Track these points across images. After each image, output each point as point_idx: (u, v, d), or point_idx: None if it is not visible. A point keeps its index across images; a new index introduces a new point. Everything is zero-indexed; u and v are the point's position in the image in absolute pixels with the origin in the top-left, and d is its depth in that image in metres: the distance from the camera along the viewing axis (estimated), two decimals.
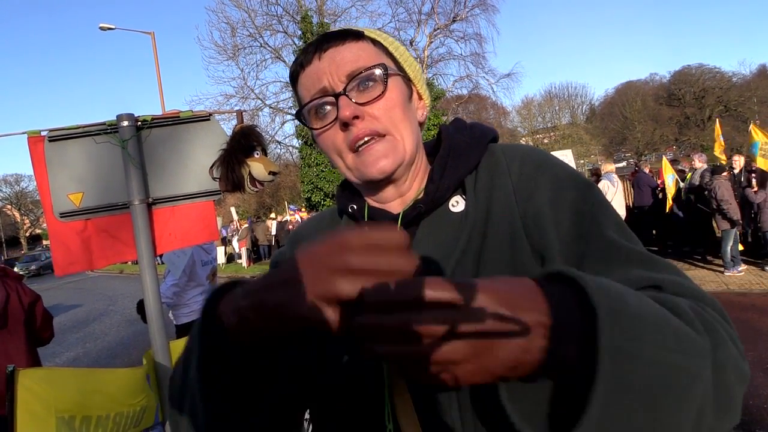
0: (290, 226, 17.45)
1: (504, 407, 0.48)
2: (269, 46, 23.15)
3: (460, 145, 0.81)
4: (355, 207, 0.84)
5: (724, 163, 9.11)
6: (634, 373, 0.44)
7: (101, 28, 17.75)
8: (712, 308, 0.60)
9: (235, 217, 19.53)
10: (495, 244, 0.72)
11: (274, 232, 18.36)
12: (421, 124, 0.85)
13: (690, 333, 0.50)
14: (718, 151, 9.45)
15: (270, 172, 1.99)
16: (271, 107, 23.78)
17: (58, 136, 1.98)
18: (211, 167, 2.05)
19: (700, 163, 8.97)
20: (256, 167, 1.96)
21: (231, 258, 20.36)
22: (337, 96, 0.75)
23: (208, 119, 2.12)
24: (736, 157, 9.07)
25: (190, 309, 4.10)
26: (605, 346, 0.43)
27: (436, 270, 0.72)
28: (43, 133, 1.98)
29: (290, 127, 25.80)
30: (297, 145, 23.70)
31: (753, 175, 7.90)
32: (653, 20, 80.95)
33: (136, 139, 1.99)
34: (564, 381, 0.47)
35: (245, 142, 1.98)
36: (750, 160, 8.77)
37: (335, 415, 0.75)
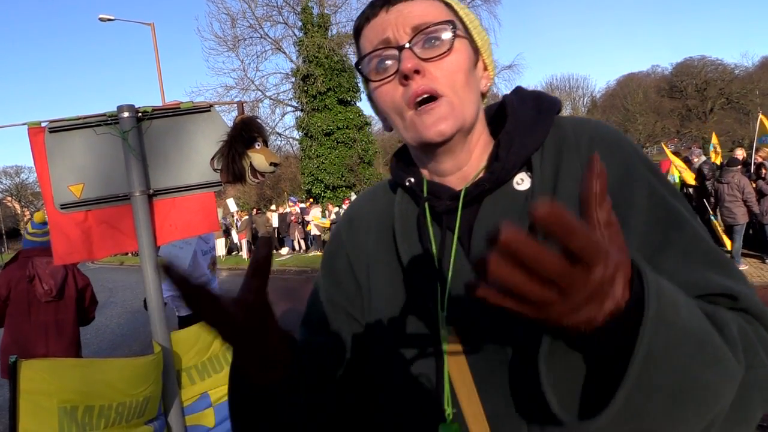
0: (292, 218, 17.44)
1: (544, 392, 0.51)
2: (269, 38, 23.08)
3: (527, 119, 0.76)
4: (412, 180, 0.80)
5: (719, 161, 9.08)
6: (662, 379, 0.47)
7: (101, 19, 17.65)
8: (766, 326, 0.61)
9: (234, 209, 19.31)
10: None
11: (275, 224, 18.35)
12: (483, 95, 0.80)
13: (726, 354, 0.52)
14: (714, 157, 9.39)
15: (271, 163, 1.98)
16: (271, 99, 23.74)
17: (59, 128, 1.97)
18: (212, 158, 2.04)
19: (697, 158, 8.95)
20: (258, 158, 1.96)
21: (231, 250, 20.38)
22: (400, 48, 0.71)
23: (209, 110, 2.11)
24: (739, 151, 9.02)
25: None
26: (641, 353, 0.46)
27: None
28: (43, 125, 1.98)
29: (290, 118, 25.80)
30: (297, 137, 23.67)
31: (764, 167, 7.86)
32: (655, 12, 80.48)
33: (137, 131, 1.99)
34: (601, 368, 0.51)
35: (246, 133, 1.97)
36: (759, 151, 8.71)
37: (390, 403, 0.75)
